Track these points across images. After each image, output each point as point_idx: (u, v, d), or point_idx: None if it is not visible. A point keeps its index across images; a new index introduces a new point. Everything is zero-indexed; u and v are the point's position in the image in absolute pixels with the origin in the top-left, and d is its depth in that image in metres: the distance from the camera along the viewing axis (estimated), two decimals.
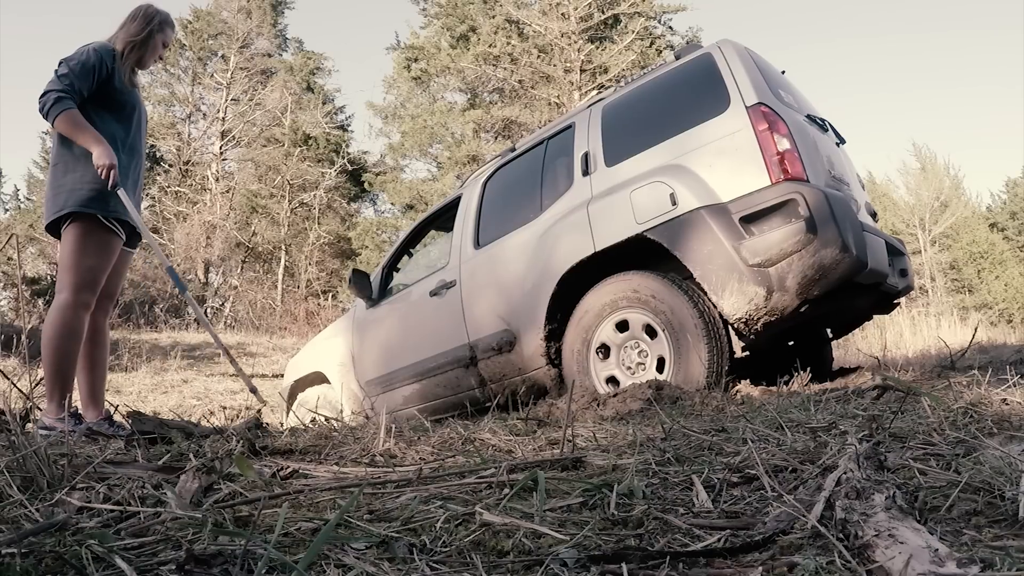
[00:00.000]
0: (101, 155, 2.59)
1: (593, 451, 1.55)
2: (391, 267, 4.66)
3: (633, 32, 19.08)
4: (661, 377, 2.97)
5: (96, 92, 2.68)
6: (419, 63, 20.93)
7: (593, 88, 18.93)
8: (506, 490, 1.13)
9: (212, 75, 24.10)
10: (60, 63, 2.66)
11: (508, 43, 19.10)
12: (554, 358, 3.42)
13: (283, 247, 22.88)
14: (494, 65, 19.57)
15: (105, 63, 2.69)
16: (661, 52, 19.11)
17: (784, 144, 2.92)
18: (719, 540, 0.86)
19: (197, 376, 9.81)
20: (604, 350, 3.20)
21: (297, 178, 22.75)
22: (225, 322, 19.44)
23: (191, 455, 1.51)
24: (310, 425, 2.52)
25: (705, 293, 2.95)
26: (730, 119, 3.04)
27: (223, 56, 24.34)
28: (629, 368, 3.14)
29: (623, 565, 0.78)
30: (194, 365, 10.82)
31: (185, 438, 1.97)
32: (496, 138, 20.37)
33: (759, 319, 2.86)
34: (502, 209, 3.96)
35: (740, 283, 2.84)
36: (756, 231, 2.86)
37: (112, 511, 1.03)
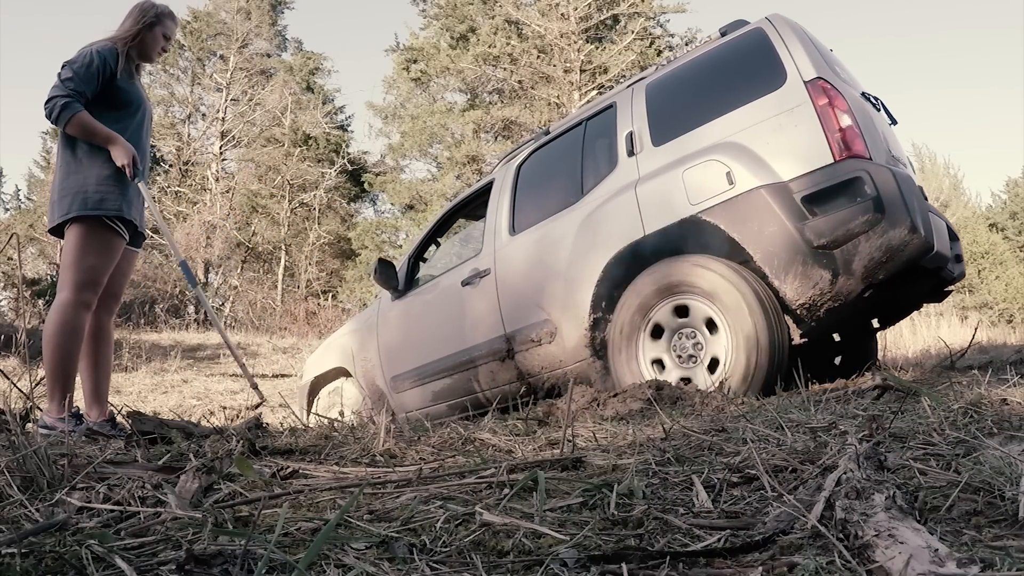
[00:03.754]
0: (119, 154, 2.62)
1: (593, 451, 1.55)
2: (418, 257, 4.48)
3: (633, 32, 19.09)
4: (713, 377, 2.83)
5: (100, 93, 2.68)
6: (418, 64, 20.94)
7: (593, 88, 18.94)
8: (506, 490, 1.13)
9: (211, 75, 24.10)
10: (63, 66, 2.66)
11: (508, 43, 19.10)
12: (599, 349, 3.24)
13: (283, 247, 22.88)
14: (494, 65, 19.58)
15: (108, 63, 2.69)
16: (661, 52, 19.11)
17: (846, 120, 2.78)
18: (719, 540, 0.86)
19: (197, 376, 9.81)
20: (657, 330, 3.03)
21: (297, 178, 22.75)
22: (225, 322, 19.43)
23: (191, 455, 1.51)
24: (311, 425, 2.52)
25: (766, 277, 2.80)
26: (787, 94, 2.90)
27: (222, 56, 24.34)
28: (680, 356, 2.97)
29: (623, 565, 0.78)
30: (194, 365, 10.82)
31: (185, 438, 1.97)
32: (496, 138, 20.37)
33: (823, 304, 2.72)
34: (539, 194, 3.80)
35: (804, 266, 2.70)
36: (820, 211, 2.71)
37: (112, 511, 1.03)
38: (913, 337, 9.60)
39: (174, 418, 2.45)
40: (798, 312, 2.79)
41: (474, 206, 4.45)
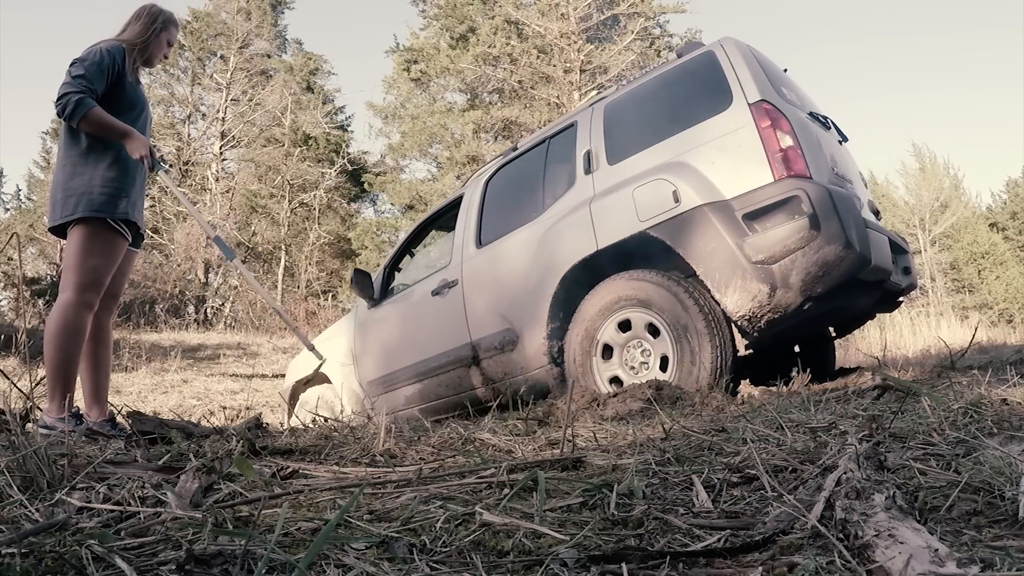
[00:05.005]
0: (136, 146, 2.63)
1: (593, 451, 1.55)
2: (393, 267, 4.65)
3: (632, 32, 19.09)
4: (664, 376, 2.95)
5: (107, 92, 2.68)
6: (418, 64, 20.95)
7: (593, 88, 18.94)
8: (506, 490, 1.13)
9: (211, 76, 24.10)
10: (73, 63, 2.66)
11: (507, 44, 19.11)
12: (556, 357, 3.40)
13: (283, 247, 22.88)
14: (493, 66, 19.58)
15: (117, 63, 2.70)
16: (660, 52, 19.12)
17: (787, 141, 2.91)
18: (719, 540, 0.86)
19: (197, 376, 9.81)
20: (607, 351, 3.18)
21: (297, 178, 22.75)
22: (225, 322, 19.45)
23: (191, 455, 1.51)
24: (310, 425, 2.52)
25: (708, 291, 2.94)
26: (732, 116, 3.04)
27: (222, 57, 24.34)
28: (632, 368, 3.13)
29: (623, 565, 0.78)
30: (194, 365, 10.82)
31: (185, 438, 1.97)
32: (496, 138, 20.38)
33: (763, 316, 2.85)
34: (504, 208, 3.95)
35: (743, 280, 2.83)
36: (759, 228, 2.84)
37: (112, 511, 1.03)
38: (913, 337, 9.60)
39: (174, 418, 2.45)
40: (739, 324, 2.93)
41: (446, 219, 4.60)
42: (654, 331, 3.05)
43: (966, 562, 0.68)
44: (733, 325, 3.00)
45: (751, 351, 3.17)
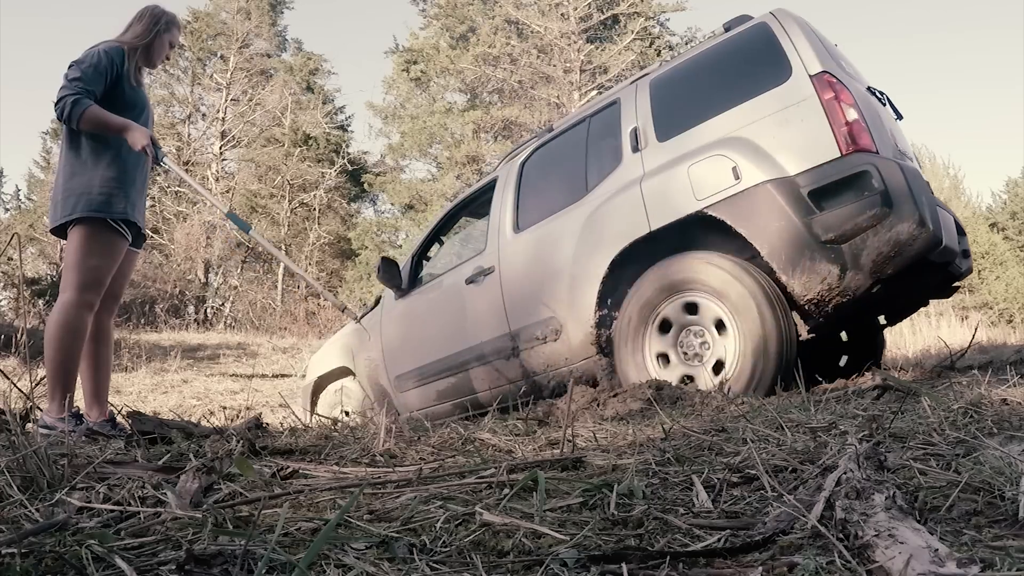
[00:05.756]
0: (137, 138, 2.61)
1: (593, 451, 1.55)
2: (421, 255, 4.45)
3: (632, 32, 19.10)
4: (718, 378, 2.80)
5: (106, 94, 2.68)
6: (418, 65, 20.95)
7: (593, 88, 18.95)
8: (506, 490, 1.13)
9: (211, 76, 24.11)
10: (71, 66, 2.66)
11: (507, 44, 19.12)
12: (605, 346, 3.21)
13: (283, 247, 22.88)
14: (493, 66, 19.59)
15: (115, 64, 2.69)
16: (660, 52, 19.12)
17: (852, 114, 2.77)
18: (719, 540, 0.86)
19: (197, 376, 9.82)
20: (665, 325, 3.00)
21: (297, 178, 22.76)
22: (225, 322, 19.45)
23: (191, 455, 1.51)
24: (311, 426, 2.52)
25: (773, 273, 2.78)
26: (793, 88, 2.89)
27: (222, 57, 24.35)
28: (686, 353, 2.96)
29: (623, 565, 0.78)
30: (194, 365, 10.83)
31: (185, 438, 1.97)
32: (496, 138, 20.38)
33: (831, 300, 2.70)
34: (543, 190, 3.78)
35: (812, 261, 2.68)
36: (827, 206, 2.69)
37: (112, 511, 1.03)
38: (913, 337, 9.60)
39: (174, 418, 2.45)
40: (806, 307, 2.77)
41: (477, 204, 4.42)
42: (720, 326, 2.87)
43: (966, 562, 0.68)
44: (796, 310, 2.84)
45: (812, 335, 2.95)
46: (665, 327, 3.02)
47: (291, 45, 26.45)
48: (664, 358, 3.01)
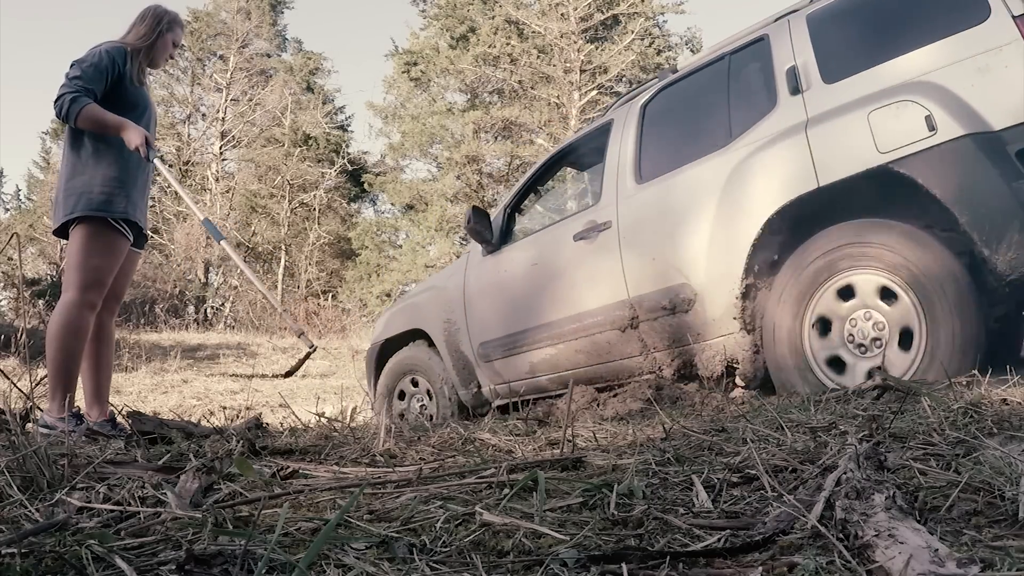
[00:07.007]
0: (132, 136, 2.60)
1: (593, 451, 1.55)
2: (515, 208, 3.97)
3: (633, 32, 19.11)
4: (907, 356, 2.44)
5: (108, 93, 2.68)
6: (418, 65, 20.97)
7: (593, 88, 18.96)
8: (506, 490, 1.13)
9: (211, 76, 24.12)
10: (72, 65, 2.66)
11: (508, 44, 19.12)
12: (749, 323, 2.81)
13: (283, 247, 22.90)
14: (494, 66, 19.60)
15: (117, 64, 2.70)
16: (660, 52, 19.13)
17: None
18: (719, 540, 0.86)
19: (197, 376, 9.81)
20: (822, 325, 2.63)
21: (297, 178, 22.76)
22: (225, 322, 19.45)
23: (191, 455, 1.51)
24: (311, 426, 2.52)
25: (973, 245, 2.38)
26: (992, 30, 2.45)
27: (222, 57, 24.36)
28: (861, 346, 2.57)
29: (623, 565, 0.78)
30: (194, 365, 10.83)
31: (185, 438, 1.98)
32: (496, 138, 20.39)
33: None
34: (673, 137, 3.36)
35: (1021, 233, 2.29)
36: None
37: (112, 511, 1.03)
38: None
39: (174, 418, 2.45)
40: (1009, 287, 2.38)
41: (582, 153, 3.96)
42: (886, 295, 2.51)
43: (966, 562, 0.68)
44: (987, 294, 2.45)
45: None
46: (825, 327, 2.66)
47: (291, 45, 26.48)
48: (838, 364, 2.64)
